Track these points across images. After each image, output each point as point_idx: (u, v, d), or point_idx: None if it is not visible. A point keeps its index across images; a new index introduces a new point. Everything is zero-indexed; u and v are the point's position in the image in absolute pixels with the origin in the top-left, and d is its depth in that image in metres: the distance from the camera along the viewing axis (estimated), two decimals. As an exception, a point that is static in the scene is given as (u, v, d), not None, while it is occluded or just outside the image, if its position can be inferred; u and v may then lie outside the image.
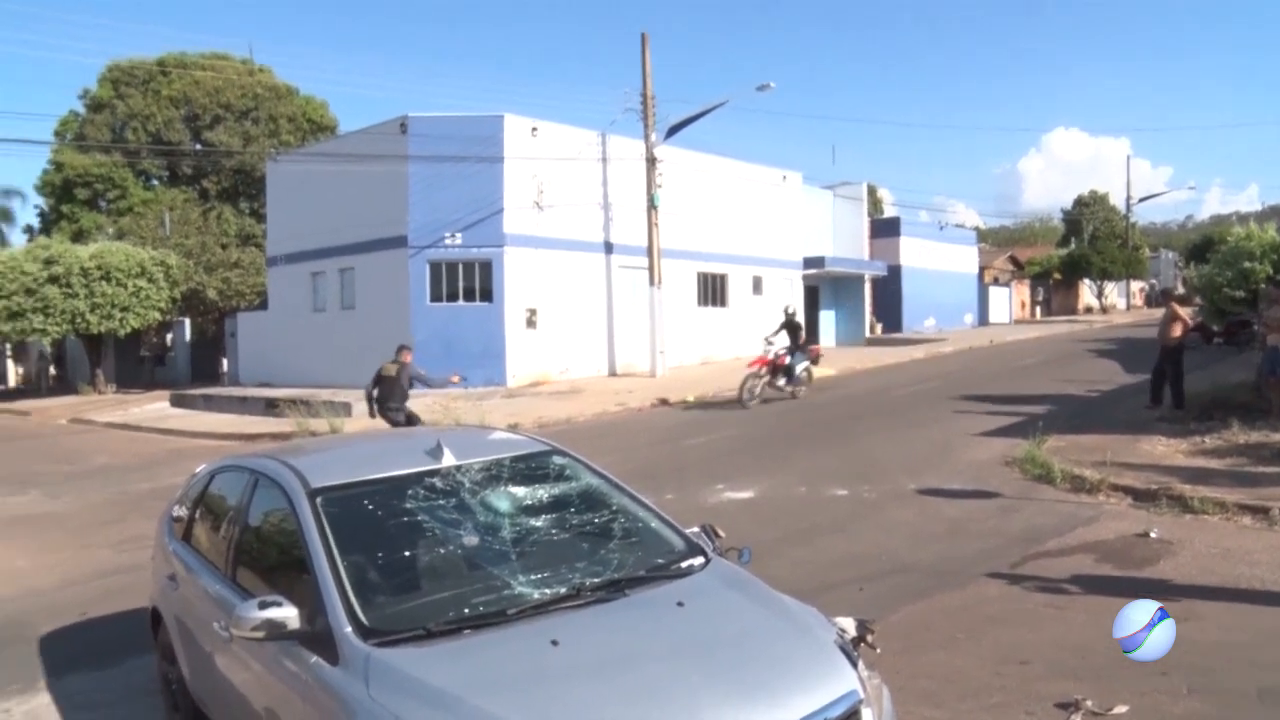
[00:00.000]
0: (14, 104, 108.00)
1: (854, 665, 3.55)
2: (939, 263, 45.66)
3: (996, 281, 58.19)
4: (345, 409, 19.10)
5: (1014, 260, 66.26)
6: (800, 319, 20.11)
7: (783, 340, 19.55)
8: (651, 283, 26.16)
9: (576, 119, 36.00)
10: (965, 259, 49.80)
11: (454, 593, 3.79)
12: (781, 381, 18.95)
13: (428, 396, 17.75)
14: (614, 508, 4.51)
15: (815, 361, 20.12)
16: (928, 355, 30.88)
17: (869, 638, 4.03)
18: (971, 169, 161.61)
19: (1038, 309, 63.46)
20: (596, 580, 3.90)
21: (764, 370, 18.68)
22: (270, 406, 21.50)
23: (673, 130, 26.54)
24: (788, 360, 18.94)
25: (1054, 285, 65.32)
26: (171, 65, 39.27)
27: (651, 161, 26.21)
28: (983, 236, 65.72)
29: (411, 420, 14.18)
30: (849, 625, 4.01)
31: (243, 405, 23.39)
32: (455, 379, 14.69)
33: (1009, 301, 56.83)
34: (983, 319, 50.90)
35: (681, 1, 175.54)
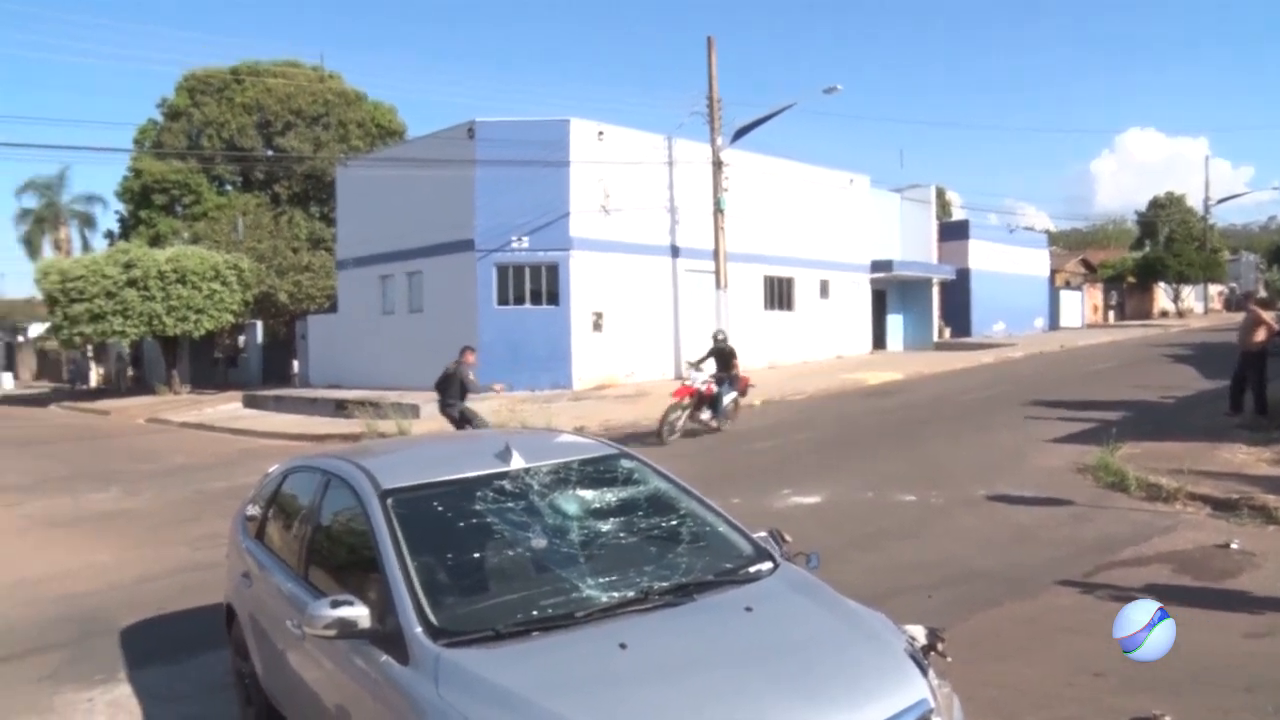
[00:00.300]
0: (97, 113, 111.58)
1: (924, 673, 3.51)
2: (1009, 266, 44.90)
3: (1068, 285, 57.03)
4: (413, 410, 19.33)
5: (1086, 263, 64.90)
6: (732, 344, 17.65)
7: (711, 368, 17.14)
8: (717, 286, 26.09)
9: (642, 123, 36.14)
10: (1036, 262, 48.92)
11: (522, 595, 3.81)
12: (706, 415, 16.57)
13: (494, 399, 17.89)
14: (682, 512, 4.50)
15: (744, 393, 17.62)
16: (997, 360, 30.38)
17: (939, 646, 3.96)
18: (1042, 171, 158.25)
19: (1111, 313, 62.05)
20: (664, 584, 3.89)
21: (688, 401, 16.27)
22: (339, 408, 21.85)
23: (739, 133, 26.45)
24: (715, 390, 16.58)
25: (1128, 289, 63.83)
26: (245, 73, 40.14)
27: (718, 165, 26.13)
28: (1054, 239, 64.53)
29: (465, 418, 14.39)
30: (919, 633, 3.95)
31: (313, 406, 23.81)
32: (498, 388, 14.90)
33: (1081, 305, 55.67)
34: (1054, 323, 49.93)
35: (748, 4, 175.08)
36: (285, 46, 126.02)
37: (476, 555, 4.05)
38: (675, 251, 27.17)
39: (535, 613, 3.63)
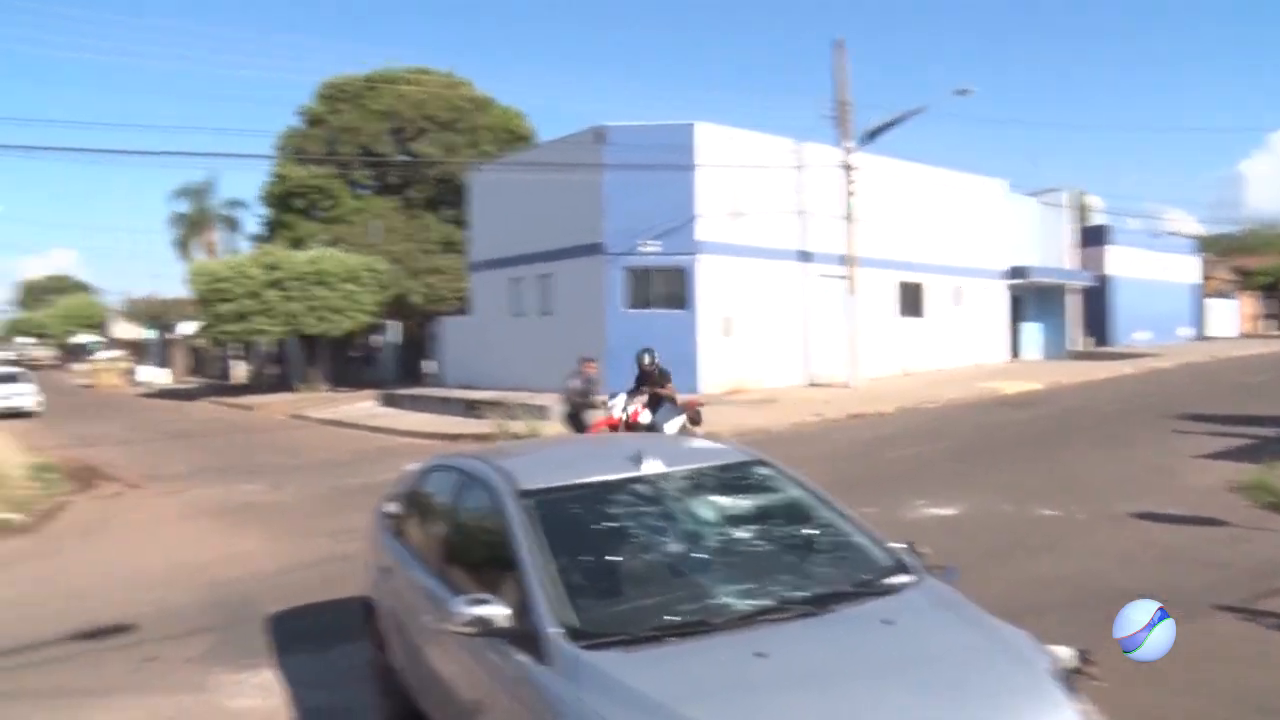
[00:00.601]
0: (242, 121, 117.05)
1: (1071, 697, 3.37)
2: (1153, 272, 43.03)
3: (1218, 293, 54.25)
4: (542, 412, 19.59)
5: (1239, 270, 61.60)
6: (661, 363, 14.29)
7: (624, 399, 13.83)
8: (848, 292, 25.75)
9: (771, 126, 35.86)
10: (1182, 268, 46.76)
11: (658, 599, 3.79)
12: None
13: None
14: (818, 520, 4.44)
15: (696, 421, 14.20)
16: (1140, 370, 29.13)
17: (1089, 668, 3.80)
18: (1188, 173, 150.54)
19: (1268, 323, 58.70)
20: (801, 594, 3.84)
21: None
22: (470, 408, 22.32)
23: (869, 137, 26.02)
24: (642, 418, 13.55)
25: (1286, 297, 60.27)
26: (379, 81, 41.29)
27: (847, 169, 25.80)
28: (1203, 245, 61.39)
29: (579, 429, 14.65)
30: (1066, 654, 3.79)
31: (445, 406, 24.38)
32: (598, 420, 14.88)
33: (1233, 314, 52.90)
34: (1202, 333, 47.61)
35: (879, 6, 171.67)
36: (417, 54, 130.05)
37: (613, 558, 4.05)
38: (805, 256, 26.89)
39: (672, 618, 3.61)
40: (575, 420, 14.90)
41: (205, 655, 6.96)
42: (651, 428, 13.28)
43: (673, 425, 13.59)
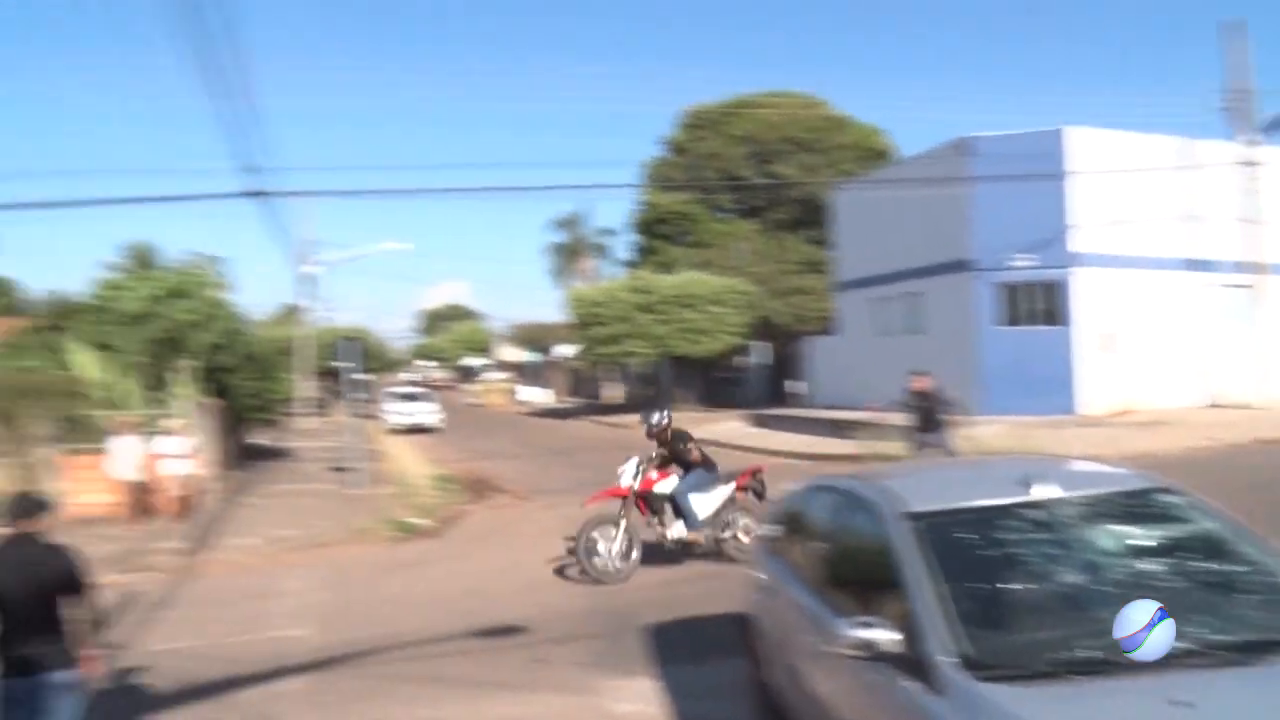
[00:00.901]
0: (611, 154, 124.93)
1: None
2: None
3: None
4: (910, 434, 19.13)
5: None
6: (678, 425, 11.21)
7: (635, 464, 10.61)
8: (1253, 302, 23.01)
9: (1145, 125, 32.87)
10: None
11: (1057, 633, 3.56)
12: (675, 531, 10.32)
13: (997, 424, 17.19)
14: (1240, 557, 3.96)
15: (760, 493, 10.75)
16: None
17: None
18: None
19: None
20: (1226, 638, 3.42)
21: (621, 509, 10.27)
22: (837, 428, 22.20)
23: (1272, 127, 23.23)
24: (660, 487, 10.46)
25: None
26: (738, 106, 42.28)
27: (1249, 165, 23.14)
28: None
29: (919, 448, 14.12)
30: None
31: (811, 426, 24.45)
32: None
33: None
34: None
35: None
36: (774, 76, 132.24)
37: (1006, 586, 3.83)
38: (1198, 265, 24.29)
39: (1073, 654, 3.37)
40: (918, 438, 14.35)
41: (589, 660, 7.40)
42: (672, 499, 10.41)
43: (703, 500, 10.44)
